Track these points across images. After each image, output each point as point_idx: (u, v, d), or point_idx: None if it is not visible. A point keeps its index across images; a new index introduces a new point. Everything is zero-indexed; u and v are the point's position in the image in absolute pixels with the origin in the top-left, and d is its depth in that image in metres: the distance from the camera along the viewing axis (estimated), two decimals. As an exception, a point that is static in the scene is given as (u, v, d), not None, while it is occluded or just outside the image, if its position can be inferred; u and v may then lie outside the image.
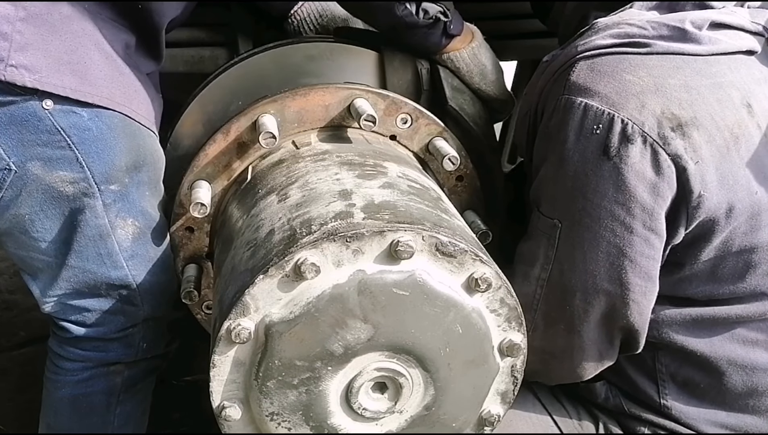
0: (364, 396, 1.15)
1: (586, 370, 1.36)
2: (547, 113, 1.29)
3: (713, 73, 1.27)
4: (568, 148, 1.23)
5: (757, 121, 1.28)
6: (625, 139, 1.19)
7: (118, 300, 1.41)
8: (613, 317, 1.28)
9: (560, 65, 1.30)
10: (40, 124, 1.22)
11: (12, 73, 1.16)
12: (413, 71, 1.58)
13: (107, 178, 1.30)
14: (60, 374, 1.47)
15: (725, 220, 1.24)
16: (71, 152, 1.25)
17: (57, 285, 1.37)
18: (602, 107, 1.20)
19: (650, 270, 1.26)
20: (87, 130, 1.25)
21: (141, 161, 1.34)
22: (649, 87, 1.22)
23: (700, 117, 1.22)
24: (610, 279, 1.25)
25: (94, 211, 1.31)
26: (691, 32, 1.26)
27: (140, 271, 1.40)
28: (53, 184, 1.27)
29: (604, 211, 1.22)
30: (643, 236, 1.23)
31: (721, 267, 1.30)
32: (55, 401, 1.49)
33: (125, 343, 1.46)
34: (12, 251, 1.37)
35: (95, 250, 1.34)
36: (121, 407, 1.51)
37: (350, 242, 1.07)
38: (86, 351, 1.45)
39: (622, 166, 1.19)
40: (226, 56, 1.93)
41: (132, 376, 1.51)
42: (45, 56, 1.20)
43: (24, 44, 1.18)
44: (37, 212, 1.29)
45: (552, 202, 1.28)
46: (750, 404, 1.37)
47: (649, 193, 1.20)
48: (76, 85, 1.22)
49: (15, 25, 1.17)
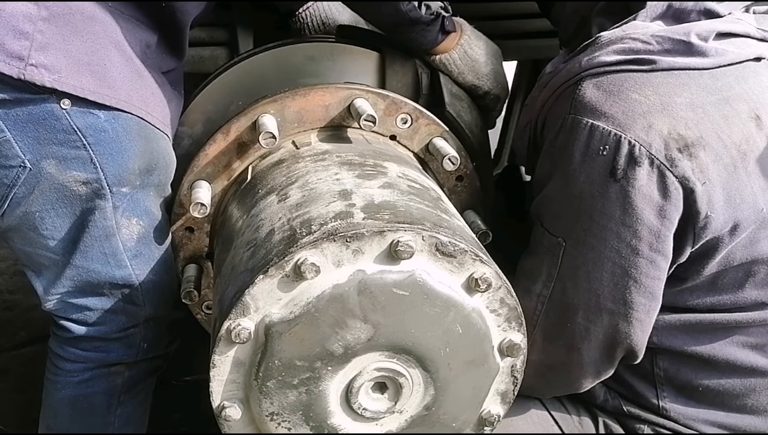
0: (364, 396, 1.15)
1: (583, 385, 1.36)
2: (552, 131, 1.28)
3: (720, 87, 1.25)
4: (574, 169, 1.22)
5: (766, 132, 1.26)
6: (632, 161, 1.18)
7: (120, 299, 1.41)
8: (615, 336, 1.27)
9: (564, 80, 1.29)
10: (57, 124, 1.22)
11: (32, 73, 1.17)
12: (413, 75, 1.58)
13: (119, 181, 1.30)
14: (60, 375, 1.47)
15: (729, 238, 1.24)
16: (86, 153, 1.25)
17: (60, 283, 1.37)
18: (609, 128, 1.19)
19: (655, 289, 1.25)
20: (103, 132, 1.25)
21: (153, 165, 1.35)
22: (655, 106, 1.20)
23: (706, 136, 1.20)
24: (613, 299, 1.25)
25: (104, 212, 1.31)
26: (697, 45, 1.24)
27: (143, 271, 1.40)
28: (66, 183, 1.27)
29: (610, 233, 1.21)
30: (648, 258, 1.22)
31: (721, 278, 1.30)
32: (55, 402, 1.49)
33: (126, 343, 1.46)
34: (18, 247, 1.37)
35: (100, 249, 1.34)
36: (122, 408, 1.51)
37: (350, 242, 1.07)
38: (87, 351, 1.45)
39: (629, 189, 1.18)
40: (226, 56, 1.93)
41: (133, 377, 1.50)
42: (65, 57, 1.20)
43: (45, 44, 1.18)
44: (48, 210, 1.29)
45: (556, 220, 1.28)
46: (749, 404, 1.37)
47: (656, 215, 1.20)
48: (94, 87, 1.22)
49: (37, 25, 1.17)
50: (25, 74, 1.16)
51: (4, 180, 1.24)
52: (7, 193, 1.26)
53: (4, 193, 1.26)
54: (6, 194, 1.26)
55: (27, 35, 1.17)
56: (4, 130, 1.20)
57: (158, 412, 1.92)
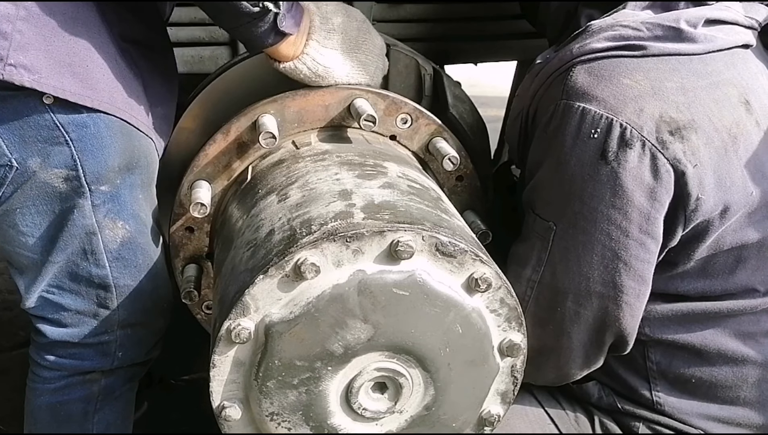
0: (364, 396, 1.15)
1: (572, 371, 1.36)
2: (543, 117, 1.29)
3: (710, 72, 1.27)
4: (566, 152, 1.23)
5: (756, 118, 1.28)
6: (623, 143, 1.19)
7: (94, 301, 1.39)
8: (605, 320, 1.28)
9: (555, 68, 1.30)
10: (41, 120, 1.21)
11: (11, 73, 1.16)
12: (416, 76, 1.58)
13: (98, 179, 1.29)
14: (38, 382, 1.47)
15: (719, 221, 1.25)
16: (68, 148, 1.24)
17: (40, 279, 1.36)
18: (600, 111, 1.20)
19: (644, 273, 1.26)
20: (85, 127, 1.25)
21: (134, 163, 1.33)
22: (646, 91, 1.22)
23: (698, 119, 1.22)
24: (603, 282, 1.25)
25: (82, 211, 1.30)
26: (687, 31, 1.26)
27: (122, 275, 1.39)
28: (48, 180, 1.26)
29: (601, 215, 1.22)
30: (638, 240, 1.23)
31: (712, 263, 1.31)
32: (34, 409, 1.49)
33: (100, 350, 1.44)
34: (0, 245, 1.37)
35: (80, 245, 1.33)
36: (99, 415, 1.49)
37: (350, 242, 1.07)
38: (62, 358, 1.44)
39: (620, 171, 1.19)
40: (226, 56, 1.93)
41: (109, 385, 1.49)
42: (46, 57, 1.19)
43: (24, 44, 1.17)
44: (29, 207, 1.28)
45: (548, 204, 1.28)
46: (741, 396, 1.37)
47: (646, 197, 1.21)
48: (76, 89, 1.22)
49: (15, 25, 1.16)
50: (4, 74, 1.15)
51: None
52: None
53: None
54: None
55: (5, 35, 1.16)
56: None
57: (158, 412, 1.92)
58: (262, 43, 1.30)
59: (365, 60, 1.45)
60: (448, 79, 1.57)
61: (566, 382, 1.41)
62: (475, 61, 2.32)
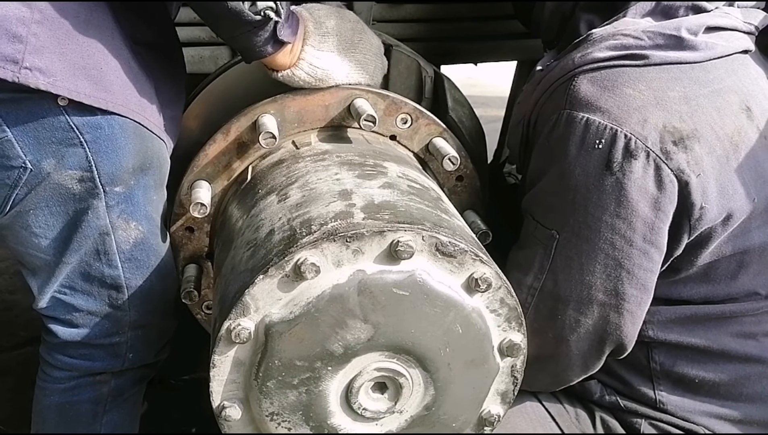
0: (364, 396, 1.15)
1: (570, 377, 1.37)
2: (546, 126, 1.29)
3: (711, 79, 1.27)
4: (570, 162, 1.23)
5: (757, 123, 1.28)
6: (628, 154, 1.19)
7: (106, 302, 1.40)
8: (606, 328, 1.28)
9: (558, 77, 1.30)
10: (56, 121, 1.22)
11: (26, 76, 1.16)
12: (417, 77, 1.58)
13: (113, 180, 1.29)
14: (48, 382, 1.47)
15: (722, 228, 1.26)
16: (82, 150, 1.25)
17: (53, 280, 1.36)
18: (605, 122, 1.21)
19: (647, 282, 1.27)
20: (99, 129, 1.25)
21: (147, 164, 1.34)
22: (649, 101, 1.22)
23: (700, 129, 1.22)
24: (605, 290, 1.26)
25: (96, 212, 1.30)
26: (688, 39, 1.26)
27: (134, 276, 1.39)
28: (62, 181, 1.26)
29: (605, 225, 1.22)
30: (642, 249, 1.23)
31: (714, 269, 1.31)
32: (43, 409, 1.49)
33: (111, 352, 1.45)
34: (12, 246, 1.36)
35: (93, 246, 1.34)
36: (108, 416, 1.50)
37: (350, 242, 1.07)
38: (73, 359, 1.44)
39: (625, 181, 1.20)
40: (227, 56, 1.93)
41: (119, 386, 1.49)
42: (60, 60, 1.19)
43: (39, 47, 1.17)
44: (42, 208, 1.28)
45: (550, 212, 1.28)
46: (744, 393, 1.38)
47: (650, 207, 1.21)
48: (90, 91, 1.22)
49: (30, 28, 1.16)
50: (20, 77, 1.15)
51: (6, 181, 1.24)
52: (9, 194, 1.25)
53: (7, 194, 1.25)
54: (8, 195, 1.25)
55: (21, 38, 1.16)
56: (6, 130, 1.20)
57: (158, 411, 1.92)
58: (261, 53, 1.30)
59: (363, 59, 1.45)
60: (448, 81, 1.57)
61: (562, 387, 1.41)
62: (474, 61, 2.32)
